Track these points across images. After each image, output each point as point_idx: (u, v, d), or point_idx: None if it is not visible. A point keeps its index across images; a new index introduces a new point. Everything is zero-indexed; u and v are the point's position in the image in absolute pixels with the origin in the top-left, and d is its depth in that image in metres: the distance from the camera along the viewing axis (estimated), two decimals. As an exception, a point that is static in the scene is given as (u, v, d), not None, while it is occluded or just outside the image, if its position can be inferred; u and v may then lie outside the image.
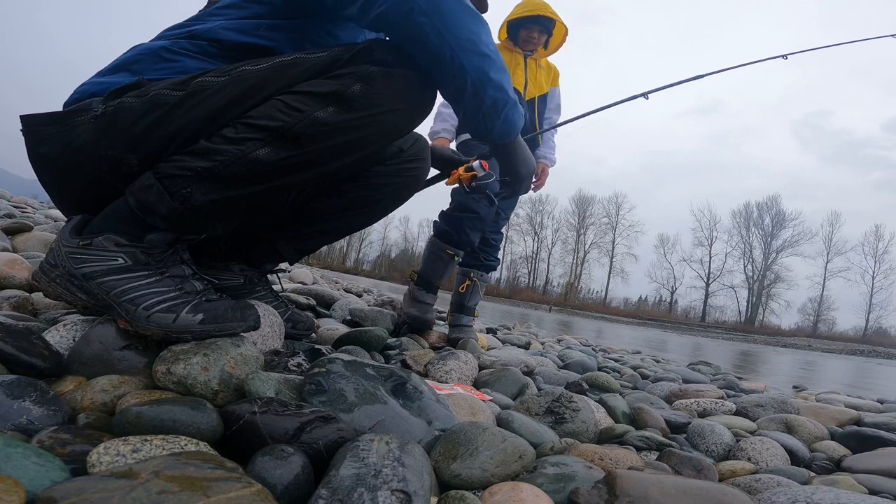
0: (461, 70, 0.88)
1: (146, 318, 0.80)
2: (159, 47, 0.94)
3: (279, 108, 0.85)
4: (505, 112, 0.96)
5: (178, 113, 0.84)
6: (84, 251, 0.84)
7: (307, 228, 1.25)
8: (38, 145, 0.89)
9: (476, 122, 0.97)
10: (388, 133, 0.96)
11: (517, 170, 1.14)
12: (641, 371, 2.50)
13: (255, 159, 0.84)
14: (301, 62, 0.88)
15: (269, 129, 0.84)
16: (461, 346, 1.72)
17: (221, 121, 0.85)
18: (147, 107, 0.84)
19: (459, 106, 0.95)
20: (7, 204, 3.12)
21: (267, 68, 0.87)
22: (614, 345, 5.03)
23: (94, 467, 0.49)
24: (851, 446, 1.23)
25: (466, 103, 0.93)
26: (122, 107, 0.85)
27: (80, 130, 0.86)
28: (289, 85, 0.87)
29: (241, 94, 0.85)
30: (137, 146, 0.85)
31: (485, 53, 0.88)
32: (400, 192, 1.28)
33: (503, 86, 0.92)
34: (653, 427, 1.22)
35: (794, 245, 42.94)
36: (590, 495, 0.63)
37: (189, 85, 0.85)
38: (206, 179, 0.84)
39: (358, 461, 0.54)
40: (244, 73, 0.86)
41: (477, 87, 0.90)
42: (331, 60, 0.88)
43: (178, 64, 0.93)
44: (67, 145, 0.87)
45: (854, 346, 25.84)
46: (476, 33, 0.87)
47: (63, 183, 0.93)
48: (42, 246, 1.73)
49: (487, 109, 0.94)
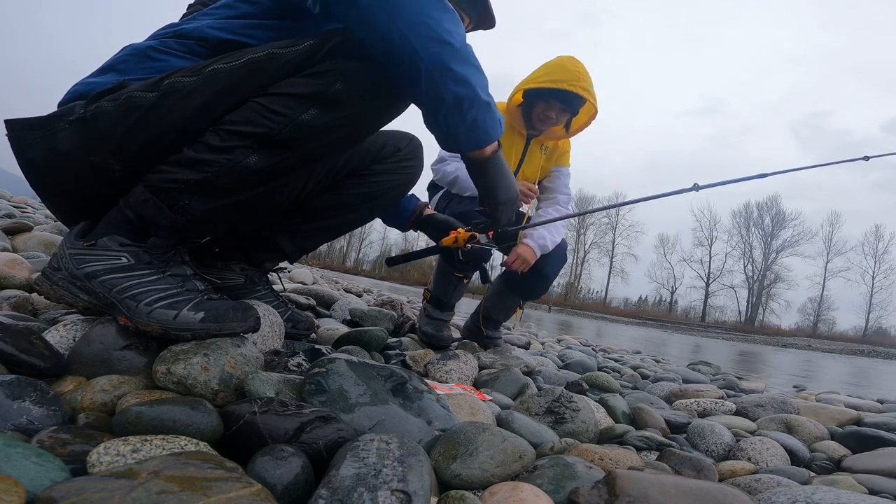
0: (414, 55, 0.78)
1: (147, 314, 0.81)
2: (147, 47, 0.93)
3: (261, 112, 0.84)
4: (472, 114, 0.84)
5: (153, 116, 0.83)
6: (88, 252, 0.85)
7: (308, 225, 1.26)
8: (24, 150, 0.88)
9: (437, 123, 0.86)
10: (377, 124, 0.96)
11: (494, 194, 0.99)
12: (641, 371, 2.50)
13: (247, 167, 0.85)
14: (275, 58, 0.85)
15: (254, 135, 0.84)
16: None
17: (201, 124, 0.84)
18: (122, 110, 0.83)
19: (418, 102, 0.87)
20: (7, 204, 3.12)
21: (240, 66, 0.84)
22: (614, 345, 5.03)
23: (94, 467, 0.49)
24: (851, 446, 1.23)
25: (423, 97, 0.83)
26: (99, 111, 0.84)
27: (62, 136, 0.85)
28: (265, 84, 0.85)
29: (215, 95, 0.84)
30: (118, 152, 0.85)
31: (445, 41, 0.78)
32: (397, 189, 1.32)
33: (469, 81, 0.81)
34: (653, 427, 1.22)
35: (794, 245, 42.99)
36: (590, 495, 0.63)
37: (161, 86, 0.83)
38: (200, 190, 0.85)
39: (358, 461, 0.54)
40: (216, 72, 0.84)
41: (433, 78, 0.79)
42: (307, 54, 0.85)
43: (163, 63, 0.92)
44: (52, 150, 0.86)
45: (854, 346, 25.84)
46: (435, 18, 0.77)
47: (52, 187, 0.93)
48: (42, 246, 1.73)
49: (448, 108, 0.83)
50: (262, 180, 0.89)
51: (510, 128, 1.75)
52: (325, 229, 1.28)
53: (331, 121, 0.87)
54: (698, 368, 3.28)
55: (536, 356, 2.21)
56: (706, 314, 44.45)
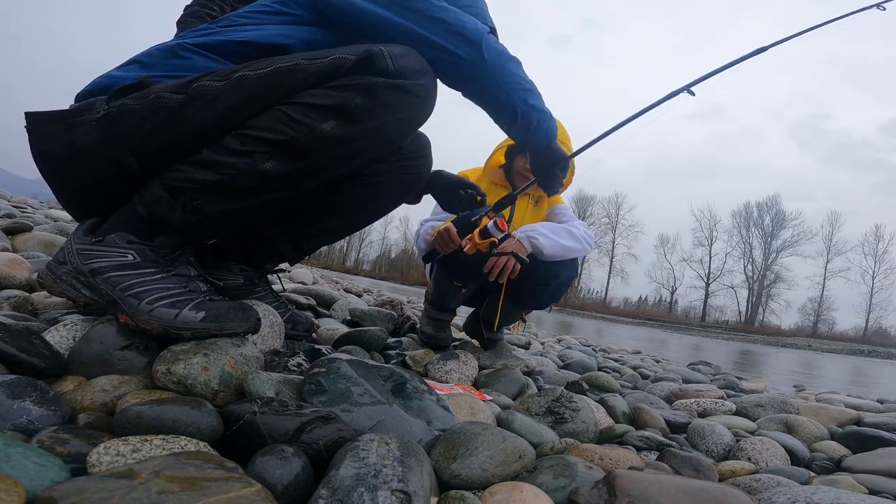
0: (515, 105, 1.10)
1: (148, 312, 0.81)
2: (174, 44, 0.96)
3: (282, 119, 0.86)
4: (546, 126, 1.18)
5: (179, 118, 0.85)
6: (95, 248, 0.85)
7: (308, 228, 1.25)
8: (41, 142, 0.90)
9: (526, 137, 1.19)
10: (392, 139, 1.00)
11: (552, 170, 1.31)
12: (641, 371, 2.50)
13: (264, 172, 0.87)
14: (301, 69, 0.87)
15: (273, 142, 0.86)
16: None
17: (223, 128, 0.86)
18: (148, 110, 0.85)
19: (512, 124, 1.15)
20: (7, 204, 3.12)
21: (266, 75, 0.87)
22: (614, 345, 5.03)
23: (94, 467, 0.49)
24: (851, 446, 1.23)
25: (518, 126, 1.15)
26: (125, 109, 0.86)
27: (83, 130, 0.87)
28: (288, 94, 0.87)
29: (240, 101, 0.86)
30: (139, 150, 0.87)
31: (528, 89, 1.10)
32: (401, 191, 1.29)
33: (542, 109, 1.15)
34: (653, 427, 1.22)
35: (794, 245, 42.94)
36: (590, 495, 0.63)
37: (189, 89, 0.85)
38: (216, 192, 0.86)
39: (358, 461, 0.54)
40: (243, 80, 0.86)
41: (525, 113, 1.12)
42: (332, 69, 0.88)
43: (187, 61, 0.94)
44: (70, 144, 0.87)
45: (854, 346, 25.84)
46: (520, 77, 1.08)
47: (66, 181, 0.94)
48: (42, 246, 1.73)
49: (534, 129, 1.16)
50: (277, 186, 0.91)
51: (493, 185, 1.77)
52: (325, 231, 1.27)
53: (349, 132, 0.89)
54: (698, 368, 3.28)
55: (536, 356, 2.21)
56: (706, 314, 44.44)
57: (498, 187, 1.77)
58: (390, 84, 0.89)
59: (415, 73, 0.92)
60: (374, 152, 0.99)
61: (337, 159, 0.93)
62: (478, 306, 1.88)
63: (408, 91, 0.91)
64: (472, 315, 1.92)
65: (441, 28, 0.99)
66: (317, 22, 1.02)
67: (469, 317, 1.94)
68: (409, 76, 0.91)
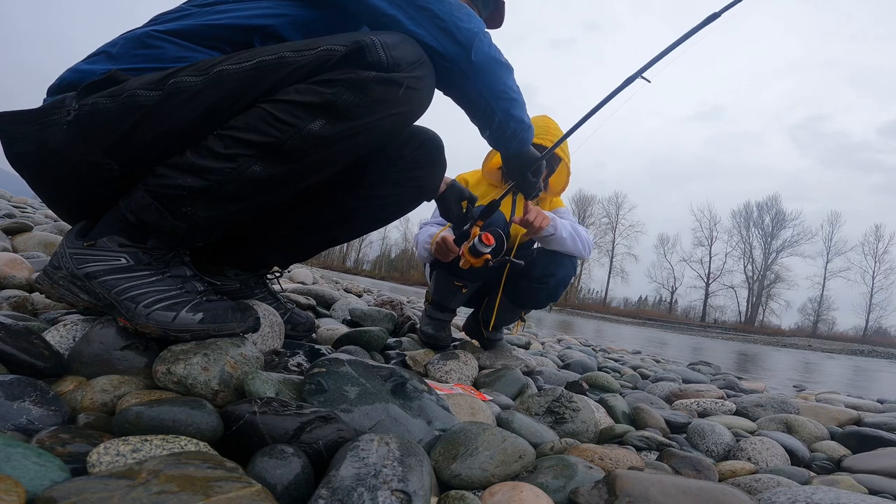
0: (493, 112, 1.07)
1: (146, 315, 0.80)
2: (143, 33, 0.90)
3: (267, 119, 0.80)
4: (521, 136, 1.16)
5: (156, 118, 0.80)
6: (88, 252, 0.84)
7: (301, 237, 1.21)
8: (13, 145, 0.85)
9: (499, 142, 1.18)
10: (387, 135, 0.93)
11: (523, 174, 1.31)
12: (641, 371, 2.50)
13: (252, 176, 0.82)
14: (286, 63, 0.82)
15: (259, 144, 0.80)
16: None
17: (204, 128, 0.81)
18: (122, 109, 0.80)
19: (487, 129, 1.14)
20: (7, 204, 3.13)
21: (248, 69, 0.81)
22: (614, 345, 5.03)
23: (94, 467, 0.49)
24: (851, 446, 1.23)
25: (494, 130, 1.13)
26: (97, 109, 0.81)
27: (54, 132, 0.82)
28: (273, 89, 0.82)
29: (221, 98, 0.81)
30: (116, 152, 0.82)
31: (511, 98, 1.06)
32: (402, 204, 1.22)
33: (522, 120, 1.13)
34: (653, 427, 1.22)
35: (794, 245, 42.92)
36: (590, 495, 0.63)
37: (165, 85, 0.80)
38: (204, 198, 0.82)
39: (358, 461, 0.54)
40: (223, 74, 0.80)
41: (502, 122, 1.10)
42: (319, 62, 0.82)
43: (158, 51, 0.88)
44: (42, 146, 0.83)
45: (854, 346, 25.82)
46: (507, 85, 1.04)
47: (44, 182, 0.90)
48: (42, 246, 1.73)
49: (509, 136, 1.15)
50: (267, 190, 0.86)
51: (492, 187, 1.79)
52: (323, 241, 1.23)
53: (339, 131, 0.84)
54: (698, 368, 3.28)
55: (536, 356, 2.21)
56: (706, 314, 44.42)
57: (496, 189, 1.79)
58: (382, 78, 0.83)
59: (410, 64, 0.86)
60: (369, 150, 0.93)
61: (329, 159, 0.88)
62: (478, 306, 1.89)
63: (402, 84, 0.85)
64: (472, 315, 1.92)
65: (430, 22, 0.91)
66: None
67: (469, 317, 1.94)
68: (403, 68, 0.85)
